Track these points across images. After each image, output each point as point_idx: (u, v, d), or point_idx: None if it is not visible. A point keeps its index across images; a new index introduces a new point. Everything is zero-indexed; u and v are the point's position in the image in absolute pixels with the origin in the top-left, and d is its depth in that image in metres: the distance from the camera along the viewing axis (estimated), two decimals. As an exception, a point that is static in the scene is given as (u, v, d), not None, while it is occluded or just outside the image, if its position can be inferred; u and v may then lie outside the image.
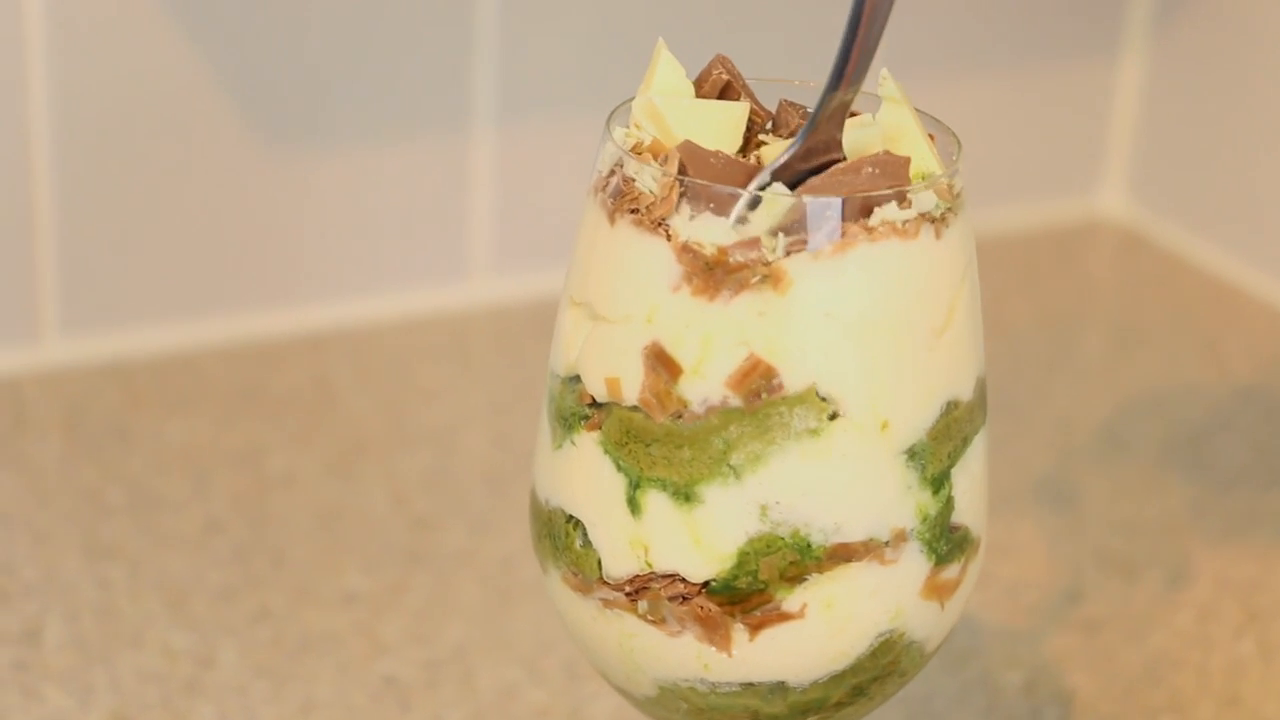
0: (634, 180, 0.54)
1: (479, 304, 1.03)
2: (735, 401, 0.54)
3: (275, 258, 0.99)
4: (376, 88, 0.98)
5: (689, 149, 0.54)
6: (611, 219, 0.54)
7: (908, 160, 0.54)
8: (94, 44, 0.92)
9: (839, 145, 0.55)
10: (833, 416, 0.54)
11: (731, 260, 0.53)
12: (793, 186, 0.54)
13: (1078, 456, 0.94)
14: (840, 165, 0.54)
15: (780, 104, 0.57)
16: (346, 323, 1.00)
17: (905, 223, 0.53)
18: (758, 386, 0.54)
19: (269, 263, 0.99)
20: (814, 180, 0.54)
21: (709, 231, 0.53)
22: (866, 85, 0.54)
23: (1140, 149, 1.17)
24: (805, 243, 0.53)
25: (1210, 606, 0.83)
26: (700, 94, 0.56)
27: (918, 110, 0.57)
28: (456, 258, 1.03)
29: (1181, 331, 1.06)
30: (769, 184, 0.53)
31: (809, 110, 0.56)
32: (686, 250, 0.53)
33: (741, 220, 0.53)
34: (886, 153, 0.54)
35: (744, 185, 0.53)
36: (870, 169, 0.53)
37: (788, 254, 0.53)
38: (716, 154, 0.54)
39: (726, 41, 0.85)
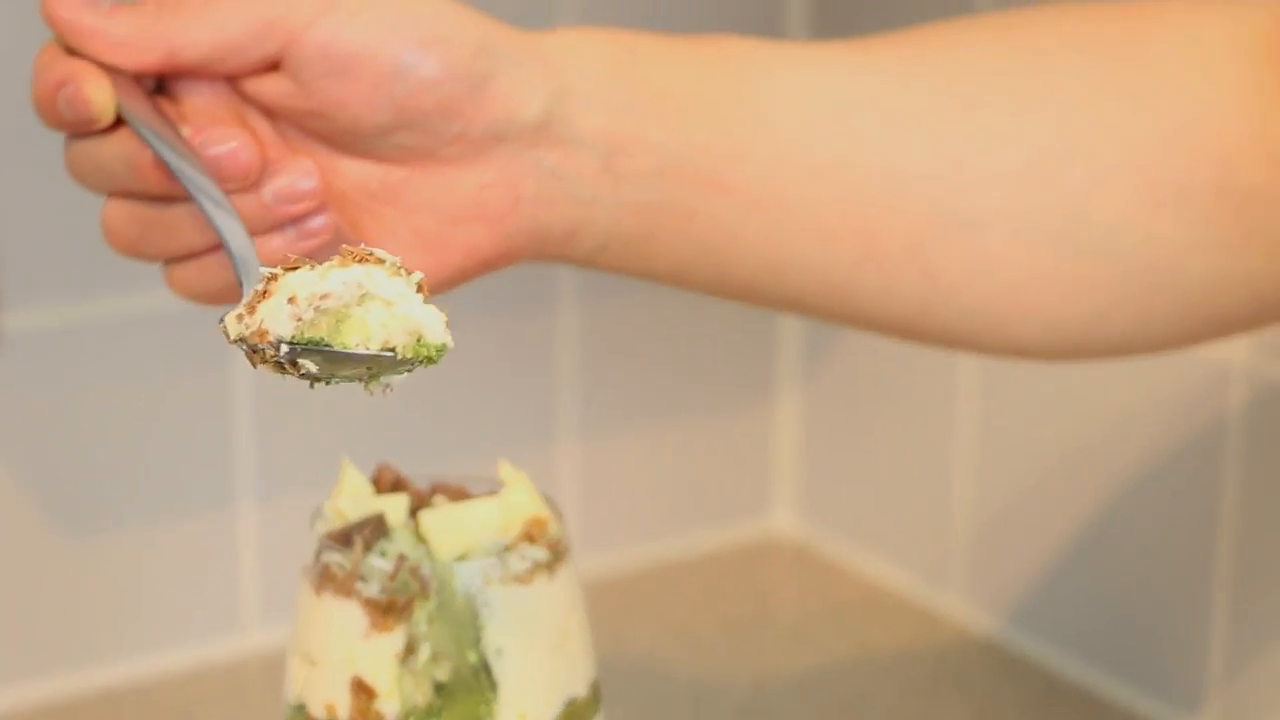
0: (329, 564, 0.74)
1: (251, 655, 1.13)
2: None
3: (59, 628, 1.07)
4: (148, 474, 1.09)
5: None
6: (318, 591, 0.74)
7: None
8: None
9: None
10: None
11: (399, 602, 0.72)
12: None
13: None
14: None
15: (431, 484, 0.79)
16: (136, 678, 1.09)
17: (525, 571, 0.74)
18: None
19: (54, 631, 1.07)
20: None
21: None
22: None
23: (804, 475, 1.29)
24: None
25: None
26: (380, 491, 0.77)
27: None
28: (229, 615, 1.13)
29: (841, 633, 1.18)
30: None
31: (455, 486, 0.78)
32: (369, 603, 0.73)
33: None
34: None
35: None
36: None
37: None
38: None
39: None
